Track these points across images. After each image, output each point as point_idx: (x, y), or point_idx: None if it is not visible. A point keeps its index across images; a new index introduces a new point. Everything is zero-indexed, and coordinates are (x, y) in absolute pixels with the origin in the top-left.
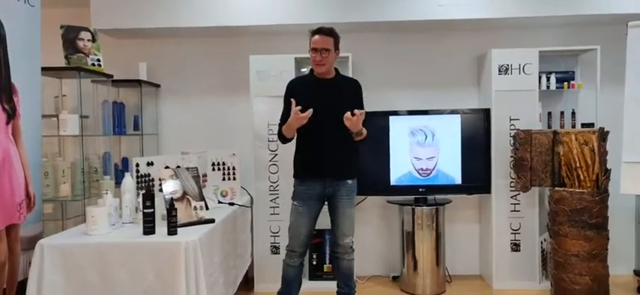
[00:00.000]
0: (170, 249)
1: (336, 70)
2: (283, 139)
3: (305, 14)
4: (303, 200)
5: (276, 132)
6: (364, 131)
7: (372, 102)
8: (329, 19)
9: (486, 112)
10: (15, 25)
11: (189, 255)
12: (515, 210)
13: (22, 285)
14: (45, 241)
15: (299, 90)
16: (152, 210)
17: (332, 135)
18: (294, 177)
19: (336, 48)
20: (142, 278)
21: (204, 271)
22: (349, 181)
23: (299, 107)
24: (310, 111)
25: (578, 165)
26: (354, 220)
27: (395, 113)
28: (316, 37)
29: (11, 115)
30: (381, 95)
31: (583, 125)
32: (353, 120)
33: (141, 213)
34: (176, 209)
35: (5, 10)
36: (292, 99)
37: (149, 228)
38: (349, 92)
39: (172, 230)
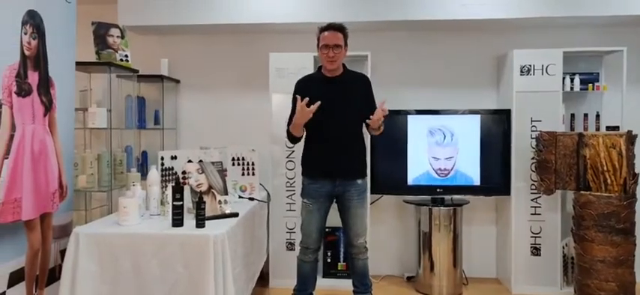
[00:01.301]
0: (199, 242)
1: (343, 65)
2: (292, 139)
3: (325, 12)
4: (313, 198)
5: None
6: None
7: (391, 101)
8: (349, 18)
9: (507, 113)
10: (53, 21)
11: (218, 248)
12: (535, 213)
13: (53, 272)
14: (80, 229)
15: (308, 89)
16: (182, 203)
17: (342, 134)
18: (302, 175)
19: (346, 44)
20: (171, 269)
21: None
22: (359, 181)
23: (306, 99)
24: (317, 104)
25: (605, 168)
26: (366, 220)
27: (413, 112)
28: (326, 33)
29: (48, 107)
30: (399, 94)
31: (608, 128)
32: (375, 119)
33: (167, 205)
34: (205, 202)
35: (45, 6)
36: (298, 96)
37: (178, 220)
38: (359, 88)
39: (200, 223)
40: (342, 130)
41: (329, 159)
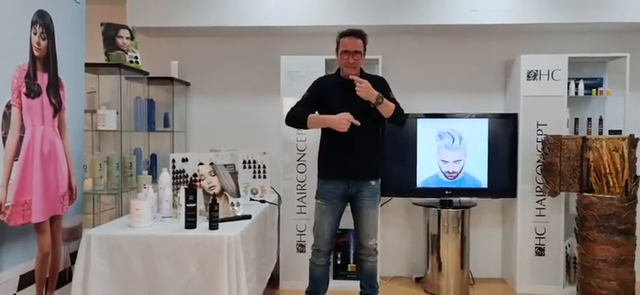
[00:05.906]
0: (213, 243)
1: (360, 69)
2: (297, 123)
3: (336, 16)
4: (327, 199)
5: (304, 132)
6: (388, 102)
7: (401, 104)
8: (360, 22)
9: (514, 117)
10: (62, 21)
11: (231, 249)
12: (540, 215)
13: (62, 275)
14: (92, 231)
15: (327, 90)
16: (195, 205)
17: (358, 136)
18: (318, 176)
19: (365, 50)
20: (184, 271)
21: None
22: (373, 182)
23: (350, 116)
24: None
25: (607, 171)
26: (377, 221)
27: (423, 116)
28: (347, 39)
29: (58, 109)
30: (409, 98)
31: (610, 132)
32: (362, 90)
33: (178, 207)
34: (218, 204)
35: (54, 6)
36: (348, 114)
37: (191, 222)
38: (375, 90)
39: (214, 224)
40: (358, 132)
41: (344, 160)
